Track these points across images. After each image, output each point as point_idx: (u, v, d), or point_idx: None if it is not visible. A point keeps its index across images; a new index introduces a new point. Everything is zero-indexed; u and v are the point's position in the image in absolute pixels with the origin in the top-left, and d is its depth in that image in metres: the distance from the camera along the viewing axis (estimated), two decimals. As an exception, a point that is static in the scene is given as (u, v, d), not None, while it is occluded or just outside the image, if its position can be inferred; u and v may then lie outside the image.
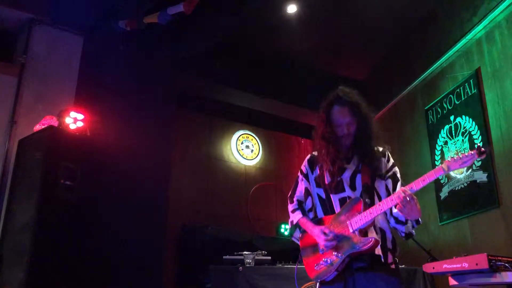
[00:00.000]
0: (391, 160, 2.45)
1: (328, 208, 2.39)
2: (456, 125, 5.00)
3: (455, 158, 2.04)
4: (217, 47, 5.95)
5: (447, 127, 5.13)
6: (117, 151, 4.86)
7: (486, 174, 4.48)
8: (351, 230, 2.22)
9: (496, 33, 4.57)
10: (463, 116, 4.89)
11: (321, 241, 2.27)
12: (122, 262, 5.08)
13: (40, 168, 3.79)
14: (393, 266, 2.29)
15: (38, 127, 4.17)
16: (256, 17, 5.61)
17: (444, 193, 5.06)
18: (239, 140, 7.35)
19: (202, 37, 5.69)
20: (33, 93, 4.67)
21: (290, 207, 2.54)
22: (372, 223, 2.24)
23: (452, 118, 5.06)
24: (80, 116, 4.26)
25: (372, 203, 2.25)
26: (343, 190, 2.35)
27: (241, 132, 7.42)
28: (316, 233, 2.31)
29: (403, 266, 4.50)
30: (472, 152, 2.00)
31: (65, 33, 5.02)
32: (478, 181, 4.59)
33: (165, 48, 5.84)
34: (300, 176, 2.54)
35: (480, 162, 4.58)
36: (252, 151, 7.41)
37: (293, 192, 2.56)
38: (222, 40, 5.86)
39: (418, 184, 2.11)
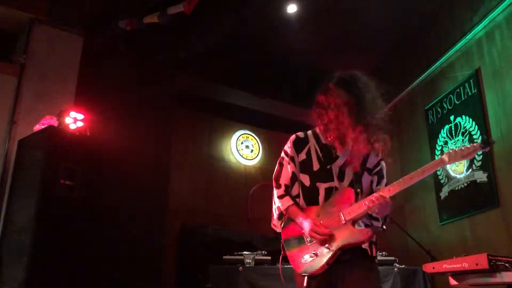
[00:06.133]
0: (380, 154, 2.28)
1: (311, 197, 2.24)
2: (456, 125, 5.00)
3: (456, 150, 1.97)
4: (217, 47, 5.95)
5: (447, 127, 5.13)
6: (117, 151, 4.86)
7: (486, 174, 4.48)
8: (343, 221, 2.11)
9: (496, 33, 4.57)
10: (463, 116, 4.89)
11: (317, 237, 2.12)
12: (122, 262, 5.07)
13: (40, 168, 3.78)
14: (376, 260, 2.28)
15: (38, 127, 4.17)
16: (256, 17, 5.60)
17: (444, 193, 5.06)
18: (239, 140, 7.34)
19: (202, 37, 5.69)
20: (33, 93, 4.67)
21: (278, 192, 2.34)
22: (365, 215, 2.13)
23: (452, 118, 5.06)
24: (80, 116, 4.25)
25: (361, 194, 2.16)
26: (332, 179, 2.22)
27: (241, 132, 7.41)
28: (311, 228, 2.14)
29: (403, 266, 4.51)
30: (475, 144, 1.93)
31: (65, 33, 5.02)
32: (478, 181, 4.59)
33: (165, 48, 5.84)
34: (286, 159, 2.34)
35: (480, 162, 4.58)
36: (252, 151, 7.41)
37: (279, 175, 2.36)
38: (222, 40, 5.86)
39: (414, 179, 2.02)
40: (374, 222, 2.22)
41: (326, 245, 2.11)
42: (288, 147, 2.37)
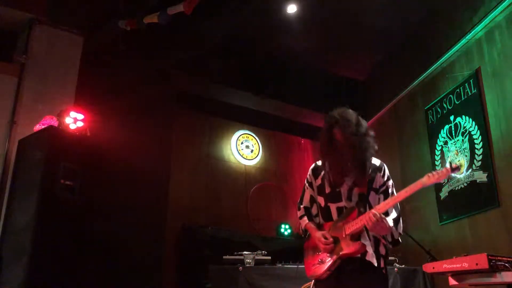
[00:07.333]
0: (386, 174, 2.62)
1: (326, 215, 2.62)
2: (456, 125, 5.00)
3: (434, 174, 2.36)
4: (217, 47, 5.95)
5: (447, 127, 5.13)
6: (117, 151, 4.86)
7: (486, 174, 4.48)
8: (344, 235, 2.46)
9: (496, 33, 4.57)
10: (463, 116, 4.89)
11: (321, 244, 2.52)
12: (122, 262, 5.08)
13: (40, 168, 3.78)
14: (384, 271, 2.49)
15: (38, 127, 4.17)
16: (256, 17, 5.60)
17: (444, 193, 5.06)
18: (239, 140, 7.35)
19: (202, 37, 5.69)
20: (33, 93, 4.67)
21: (298, 214, 2.80)
22: (362, 230, 2.43)
23: (452, 118, 5.06)
24: (80, 116, 4.25)
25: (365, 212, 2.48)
26: (341, 200, 2.56)
27: (241, 132, 7.42)
28: (317, 236, 2.56)
29: (403, 266, 4.51)
30: (448, 168, 2.30)
31: (65, 33, 5.02)
32: (478, 181, 4.59)
33: (165, 48, 5.84)
34: (306, 185, 2.77)
35: (480, 162, 4.58)
36: (252, 151, 7.41)
37: (301, 200, 2.80)
38: (222, 40, 5.86)
39: (400, 197, 2.42)
40: (382, 239, 2.54)
41: (329, 254, 2.50)
42: (308, 174, 2.77)
